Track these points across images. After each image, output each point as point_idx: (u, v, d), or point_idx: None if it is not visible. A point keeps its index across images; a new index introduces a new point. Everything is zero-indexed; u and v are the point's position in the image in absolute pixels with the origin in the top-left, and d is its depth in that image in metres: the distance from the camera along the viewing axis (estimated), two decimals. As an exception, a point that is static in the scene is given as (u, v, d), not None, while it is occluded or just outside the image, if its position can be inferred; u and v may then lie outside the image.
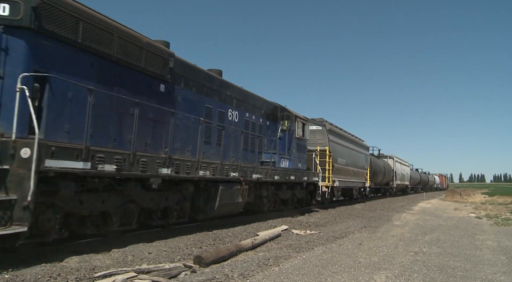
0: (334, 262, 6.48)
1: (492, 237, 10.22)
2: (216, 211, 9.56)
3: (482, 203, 27.10)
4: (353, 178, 23.13)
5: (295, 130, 14.83)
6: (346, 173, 21.44)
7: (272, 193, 13.15)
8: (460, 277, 5.77)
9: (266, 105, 13.57)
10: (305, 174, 15.23)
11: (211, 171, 9.17)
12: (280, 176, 12.75)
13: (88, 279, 4.91)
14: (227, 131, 10.75)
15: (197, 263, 5.86)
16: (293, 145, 14.81)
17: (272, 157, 12.78)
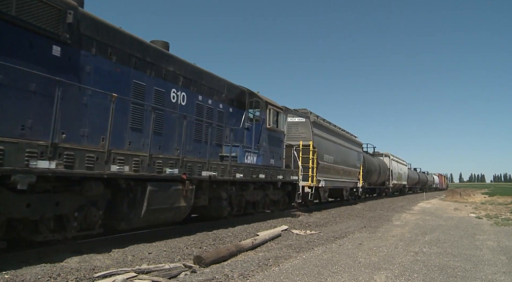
0: (334, 262, 6.48)
1: (492, 237, 10.21)
2: (144, 218, 7.39)
3: (482, 203, 27.08)
4: (343, 177, 21.06)
5: (266, 119, 12.36)
6: (335, 171, 19.45)
7: (236, 195, 11.05)
8: (460, 277, 5.77)
9: (229, 89, 11.31)
10: (281, 172, 13.10)
11: (132, 165, 6.97)
12: (244, 174, 10.72)
13: (88, 279, 4.91)
14: (168, 116, 8.73)
15: (197, 263, 5.86)
16: (264, 138, 12.34)
17: (234, 151, 10.59)
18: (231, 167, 10.15)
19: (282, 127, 13.84)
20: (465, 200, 33.06)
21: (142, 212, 7.27)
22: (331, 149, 18.92)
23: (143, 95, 8.08)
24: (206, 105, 10.24)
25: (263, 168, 11.87)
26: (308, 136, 16.15)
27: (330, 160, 18.47)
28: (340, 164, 20.07)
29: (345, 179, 21.41)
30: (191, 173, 8.64)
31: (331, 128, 19.79)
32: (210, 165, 9.33)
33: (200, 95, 10.03)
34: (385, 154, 34.95)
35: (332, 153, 18.86)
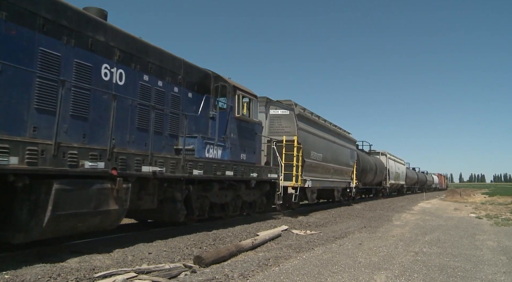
0: (334, 262, 6.48)
1: (492, 237, 10.21)
2: (50, 227, 5.65)
3: (482, 203, 27.08)
4: (334, 176, 19.31)
5: (235, 107, 10.59)
6: (324, 170, 17.73)
7: (197, 196, 9.55)
8: (460, 277, 5.77)
9: (188, 70, 9.69)
10: (255, 170, 11.37)
11: (23, 156, 5.26)
12: (205, 170, 9.04)
13: (88, 279, 4.91)
14: (97, 97, 7.14)
15: (197, 263, 5.86)
16: (232, 129, 10.56)
17: (191, 142, 9.09)
18: (186, 162, 8.37)
19: (255, 116, 11.98)
20: (465, 200, 33.07)
21: (45, 219, 5.50)
22: (320, 146, 17.07)
23: (57, 68, 6.42)
24: (155, 87, 8.59)
25: (230, 164, 10.12)
26: (293, 131, 14.43)
27: (318, 157, 16.70)
28: (330, 162, 18.34)
29: (336, 179, 19.69)
30: (126, 168, 6.93)
31: (319, 123, 17.80)
32: (154, 158, 7.56)
33: (146, 75, 8.36)
34: (382, 152, 33.29)
35: (320, 150, 17.03)
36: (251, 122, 11.62)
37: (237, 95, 10.69)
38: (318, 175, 16.94)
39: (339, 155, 20.00)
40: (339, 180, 20.10)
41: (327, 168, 18.06)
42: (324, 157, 17.47)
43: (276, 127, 14.72)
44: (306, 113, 16.31)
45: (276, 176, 12.73)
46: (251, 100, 11.58)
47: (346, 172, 21.39)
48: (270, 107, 14.80)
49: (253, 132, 11.78)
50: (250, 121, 11.56)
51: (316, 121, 17.31)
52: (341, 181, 20.60)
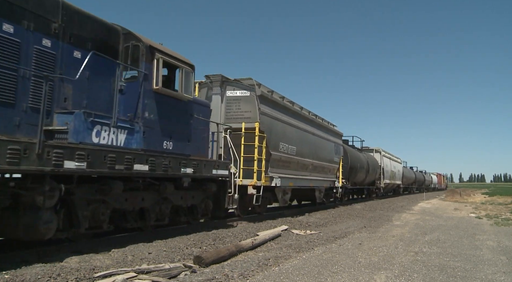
0: (334, 262, 6.48)
1: (492, 237, 10.21)
2: None
3: (482, 203, 27.08)
4: (315, 174, 16.37)
5: (153, 76, 7.81)
6: (299, 166, 14.86)
7: (88, 201, 6.73)
8: (460, 277, 5.77)
9: (73, 18, 6.79)
10: (190, 164, 8.61)
11: None
12: (90, 162, 6.22)
13: (88, 279, 4.91)
14: None
15: (197, 263, 5.86)
16: (148, 106, 7.75)
17: (65, 119, 6.31)
18: (48, 148, 5.61)
19: (189, 91, 8.82)
20: (465, 200, 33.06)
21: None
22: (292, 137, 14.15)
23: None
24: (10, 38, 5.74)
25: (144, 155, 7.38)
26: (254, 116, 11.73)
27: (290, 150, 13.90)
28: (307, 157, 15.43)
29: (317, 177, 16.79)
30: None
31: (293, 109, 14.65)
32: None
33: None
34: (376, 149, 30.84)
35: (293, 141, 14.16)
36: (183, 100, 8.65)
37: (155, 59, 7.83)
38: (291, 172, 14.17)
39: (320, 149, 17.01)
40: (320, 179, 17.17)
41: (303, 164, 15.19)
42: (299, 151, 14.65)
43: (234, 112, 11.98)
44: (274, 96, 13.31)
45: (226, 173, 10.00)
46: (182, 70, 8.56)
47: (330, 170, 18.59)
48: (227, 87, 12.07)
49: (187, 114, 8.86)
50: (182, 97, 8.56)
51: (287, 107, 14.22)
52: (324, 180, 17.77)
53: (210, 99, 11.79)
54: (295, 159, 14.44)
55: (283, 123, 13.63)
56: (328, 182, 18.55)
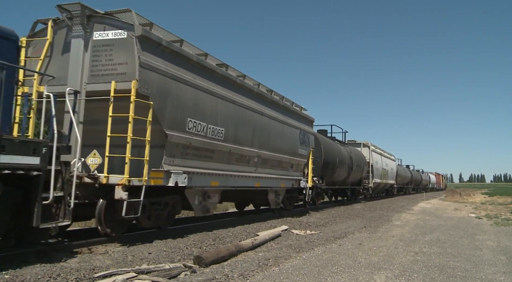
0: (334, 262, 6.48)
1: (492, 237, 10.22)
2: None
3: (482, 203, 27.09)
4: (264, 170, 11.88)
5: None
6: (233, 158, 10.20)
7: None
8: (460, 277, 5.77)
9: None
10: None
11: None
12: None
13: (88, 279, 4.91)
14: None
15: (197, 263, 5.86)
16: None
17: None
18: None
19: None
20: (465, 200, 33.08)
21: None
22: (218, 113, 9.38)
23: None
24: None
25: None
26: (130, 71, 7.25)
27: (212, 133, 9.14)
28: (248, 146, 10.70)
29: (269, 174, 12.17)
30: None
31: (220, 73, 9.60)
32: None
33: None
34: (364, 143, 26.67)
35: (220, 120, 9.45)
36: None
37: None
38: (217, 166, 9.56)
39: (275, 136, 12.39)
40: (275, 177, 12.64)
41: (241, 154, 10.46)
42: (233, 136, 9.98)
43: (103, 66, 7.49)
44: (182, 46, 8.65)
45: (31, 162, 5.33)
46: None
47: (292, 165, 13.89)
48: (95, 27, 7.59)
49: None
50: None
51: (210, 67, 9.13)
52: (282, 178, 13.17)
53: (69, 46, 7.59)
54: (224, 147, 9.61)
55: (197, 90, 8.58)
56: (289, 181, 13.86)
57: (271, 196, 12.83)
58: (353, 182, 23.48)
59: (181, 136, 8.18)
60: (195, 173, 8.82)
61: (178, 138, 8.11)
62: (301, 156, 14.65)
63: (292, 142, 13.90)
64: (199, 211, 9.27)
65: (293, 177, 14.24)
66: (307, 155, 15.16)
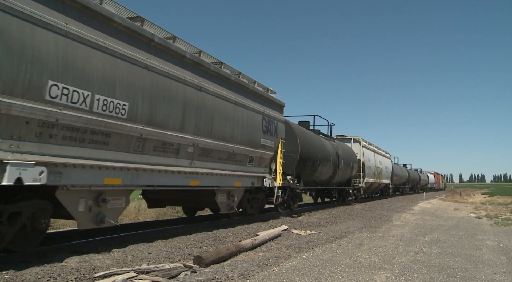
0: (334, 262, 6.48)
1: (492, 237, 10.22)
2: None
3: (482, 203, 27.08)
4: (209, 163, 9.29)
5: None
6: (147, 146, 7.34)
7: None
8: (460, 277, 5.77)
9: None
10: None
11: None
12: None
13: (88, 279, 4.91)
14: None
15: (197, 263, 5.86)
16: None
17: None
18: None
19: None
20: (465, 200, 33.07)
21: None
22: (113, 75, 6.53)
23: None
24: None
25: None
26: None
27: (102, 106, 6.32)
28: (176, 130, 8.02)
29: (215, 169, 9.55)
30: None
31: (109, 16, 6.52)
32: None
33: None
34: (354, 138, 24.25)
35: (117, 87, 6.59)
36: None
37: None
38: (116, 156, 6.81)
39: (223, 120, 9.59)
40: (226, 173, 9.92)
41: (164, 141, 7.77)
42: (148, 114, 7.26)
43: None
44: None
45: None
46: None
47: (252, 159, 11.04)
48: None
49: None
50: None
51: (92, 8, 6.22)
52: (237, 175, 10.44)
53: None
54: (130, 129, 6.86)
55: (72, 41, 5.90)
56: (248, 179, 11.10)
57: (221, 197, 10.13)
58: (340, 181, 20.90)
59: (34, 108, 5.33)
60: (72, 166, 6.01)
61: (25, 110, 5.24)
62: (265, 148, 11.72)
63: (250, 130, 10.83)
64: (86, 221, 6.42)
65: (253, 174, 11.29)
66: (274, 147, 12.28)
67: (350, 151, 22.25)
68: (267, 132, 11.84)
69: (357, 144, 24.02)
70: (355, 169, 22.39)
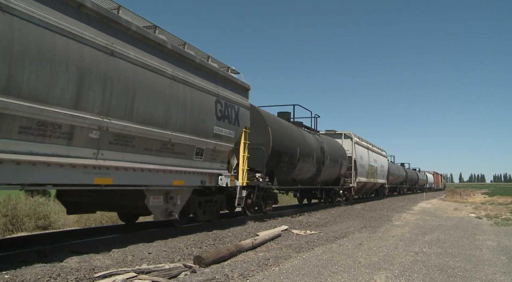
0: (334, 262, 6.48)
1: (492, 237, 10.22)
2: None
3: (482, 203, 27.08)
4: (129, 155, 6.96)
5: None
6: (15, 126, 5.11)
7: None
8: (460, 277, 5.77)
9: None
10: None
11: None
12: None
13: (88, 279, 4.91)
14: None
15: (197, 263, 5.86)
16: None
17: None
18: None
19: None
20: (465, 200, 33.07)
21: None
22: None
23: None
24: None
25: None
26: None
27: None
28: (65, 106, 5.71)
29: (140, 163, 7.23)
30: None
31: None
32: None
33: None
34: (345, 134, 22.41)
35: None
36: None
37: None
38: None
39: (153, 98, 7.39)
40: (159, 168, 7.73)
41: (41, 121, 5.45)
42: (6, 79, 4.95)
43: None
44: None
45: None
46: None
47: (201, 151, 8.85)
48: None
49: None
50: None
51: None
52: (177, 172, 8.24)
53: None
54: None
55: None
56: (196, 176, 8.82)
57: (154, 200, 7.79)
58: (327, 180, 18.65)
59: None
60: None
61: None
62: (221, 138, 9.40)
63: (198, 114, 8.54)
64: None
65: (203, 170, 8.94)
66: (234, 137, 9.97)
67: (339, 147, 20.41)
68: (223, 118, 9.52)
69: (348, 140, 22.26)
70: (344, 167, 20.47)
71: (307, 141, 15.77)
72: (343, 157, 20.36)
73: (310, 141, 16.22)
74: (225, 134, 9.65)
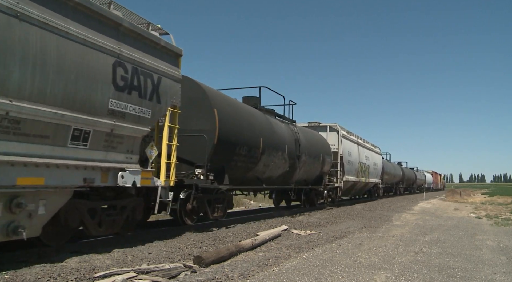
0: (334, 262, 6.48)
1: (492, 237, 10.22)
2: None
3: (482, 203, 27.09)
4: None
5: None
6: None
7: None
8: (460, 277, 5.77)
9: None
10: None
11: None
12: None
13: (88, 279, 4.91)
14: None
15: (197, 263, 5.86)
16: None
17: None
18: None
19: None
20: (465, 200, 33.08)
21: None
22: None
23: None
24: None
25: None
26: None
27: None
28: None
29: None
30: None
31: None
32: None
33: None
34: (331, 126, 19.52)
35: None
36: None
37: None
38: None
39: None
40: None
41: None
42: None
43: None
44: None
45: None
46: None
47: (84, 135, 5.96)
48: None
49: None
50: None
51: None
52: (22, 163, 5.10)
53: None
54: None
55: None
56: (71, 172, 5.84)
57: None
58: (306, 179, 15.81)
59: None
60: None
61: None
62: (125, 117, 6.70)
63: (76, 78, 5.77)
64: None
65: (89, 163, 6.15)
66: (151, 118, 7.29)
67: (320, 141, 17.24)
68: (128, 89, 6.72)
69: (334, 133, 19.25)
70: (328, 163, 17.31)
71: (275, 131, 12.79)
72: (327, 153, 17.19)
73: (281, 131, 13.24)
74: (132, 112, 6.84)
